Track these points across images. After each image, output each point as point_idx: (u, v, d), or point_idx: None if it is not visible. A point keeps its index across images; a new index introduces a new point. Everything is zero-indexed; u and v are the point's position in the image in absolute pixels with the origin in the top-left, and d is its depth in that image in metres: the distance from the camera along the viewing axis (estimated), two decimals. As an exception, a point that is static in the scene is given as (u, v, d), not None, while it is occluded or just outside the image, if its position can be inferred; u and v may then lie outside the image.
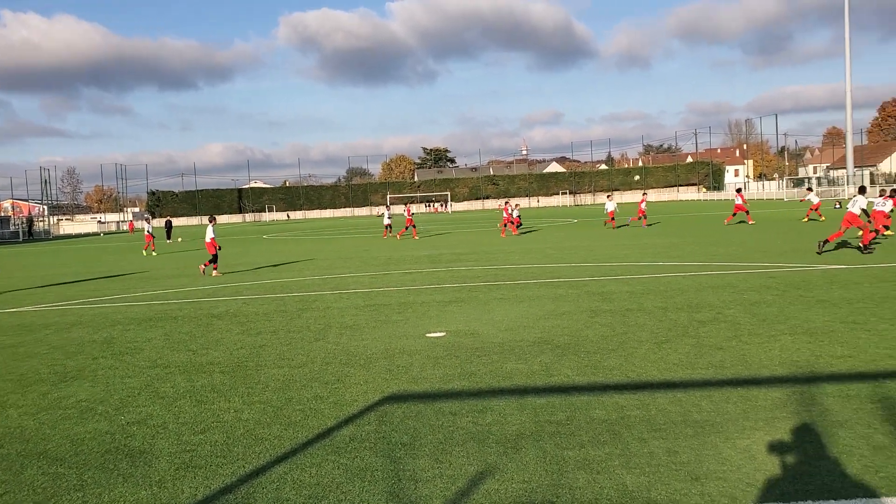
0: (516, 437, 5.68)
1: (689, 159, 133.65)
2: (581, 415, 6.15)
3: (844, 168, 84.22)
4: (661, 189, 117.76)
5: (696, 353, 8.20)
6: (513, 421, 6.07)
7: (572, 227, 42.07)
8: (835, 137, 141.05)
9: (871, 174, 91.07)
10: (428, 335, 10.03)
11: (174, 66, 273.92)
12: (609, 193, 51.95)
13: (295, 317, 12.29)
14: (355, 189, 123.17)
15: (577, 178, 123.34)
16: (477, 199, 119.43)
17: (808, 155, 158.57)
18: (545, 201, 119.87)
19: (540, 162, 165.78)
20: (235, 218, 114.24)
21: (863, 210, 19.07)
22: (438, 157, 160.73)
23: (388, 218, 39.20)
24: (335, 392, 7.33)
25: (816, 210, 34.52)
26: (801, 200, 35.18)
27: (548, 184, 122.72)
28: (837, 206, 50.68)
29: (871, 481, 4.53)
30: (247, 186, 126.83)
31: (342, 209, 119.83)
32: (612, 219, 35.67)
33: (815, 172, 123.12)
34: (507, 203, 37.36)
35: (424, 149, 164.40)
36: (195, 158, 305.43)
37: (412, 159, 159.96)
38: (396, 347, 9.33)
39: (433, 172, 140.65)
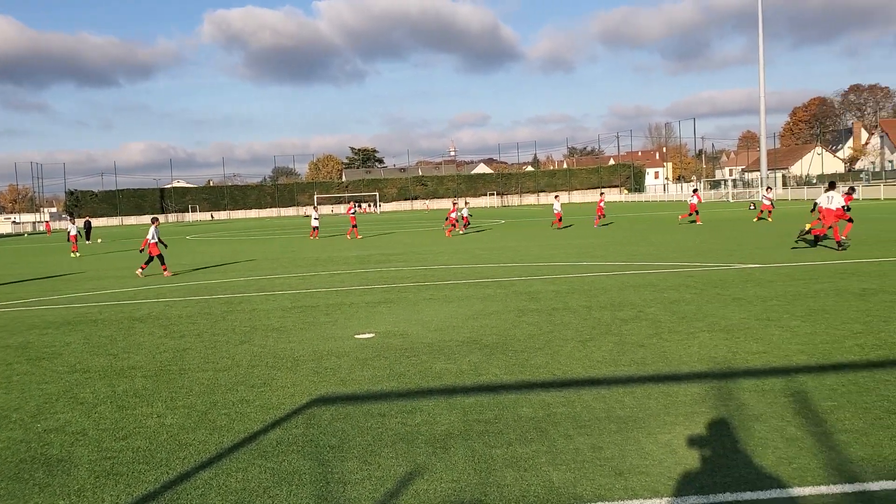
0: (445, 436, 5.72)
1: (612, 161, 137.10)
2: (509, 413, 6.23)
3: (758, 170, 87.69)
4: (585, 190, 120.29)
5: (619, 350, 8.41)
6: (442, 421, 6.11)
7: (500, 227, 42.51)
8: (749, 141, 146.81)
9: (784, 176, 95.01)
10: (356, 336, 9.98)
11: (93, 62, 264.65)
12: (556, 194, 52.74)
13: (220, 319, 12.04)
14: (282, 189, 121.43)
15: (505, 180, 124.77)
16: (406, 199, 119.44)
17: (724, 158, 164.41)
18: (473, 202, 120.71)
19: (468, 163, 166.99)
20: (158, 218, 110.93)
21: (842, 207, 19.71)
22: (367, 158, 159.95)
23: (316, 219, 38.74)
24: (261, 395, 7.22)
25: (768, 211, 36.03)
26: (765, 200, 36.80)
27: (476, 185, 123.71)
28: (752, 206, 52.75)
29: (784, 472, 4.74)
30: (169, 186, 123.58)
31: (268, 209, 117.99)
32: (560, 220, 36.24)
33: (730, 175, 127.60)
34: (455, 203, 37.23)
35: (352, 149, 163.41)
36: (116, 157, 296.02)
37: (340, 159, 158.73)
38: (324, 349, 9.25)
39: (361, 172, 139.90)
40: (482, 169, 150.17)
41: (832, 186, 20.33)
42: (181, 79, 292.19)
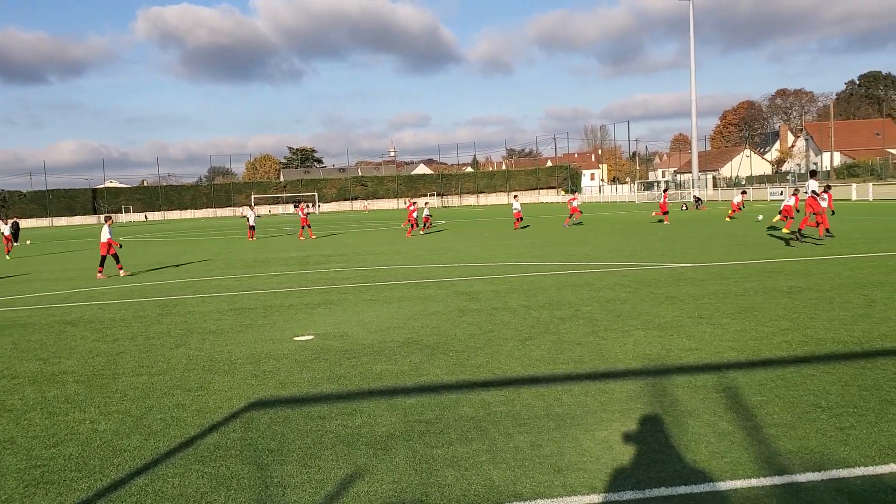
0: (386, 437, 5.72)
1: (549, 163, 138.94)
2: (449, 413, 6.26)
3: (690, 172, 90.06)
4: (524, 192, 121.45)
5: (557, 348, 8.54)
6: (382, 422, 6.10)
7: (441, 228, 42.60)
8: (681, 143, 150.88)
9: (714, 178, 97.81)
10: (295, 339, 9.88)
11: (21, 58, 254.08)
12: (515, 194, 53.01)
13: (154, 322, 11.76)
14: (218, 189, 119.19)
15: (445, 181, 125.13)
16: (345, 199, 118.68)
17: (657, 160, 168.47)
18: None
19: (408, 164, 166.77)
20: (90, 219, 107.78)
21: (813, 192, 20.57)
22: (305, 157, 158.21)
23: (254, 220, 38.15)
24: (198, 399, 7.08)
25: (738, 210, 37.32)
26: (740, 202, 38.19)
27: (416, 185, 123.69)
28: (685, 208, 54.16)
29: (716, 466, 4.89)
30: (102, 186, 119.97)
31: (204, 210, 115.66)
32: (519, 220, 36.48)
33: (663, 176, 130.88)
34: (414, 202, 36.81)
35: (290, 148, 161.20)
36: (45, 157, 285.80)
37: (278, 159, 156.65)
38: (262, 352, 9.13)
39: (300, 172, 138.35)
40: (422, 170, 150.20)
41: (812, 175, 21.50)
42: (114, 76, 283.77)
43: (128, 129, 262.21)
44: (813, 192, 20.83)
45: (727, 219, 36.32)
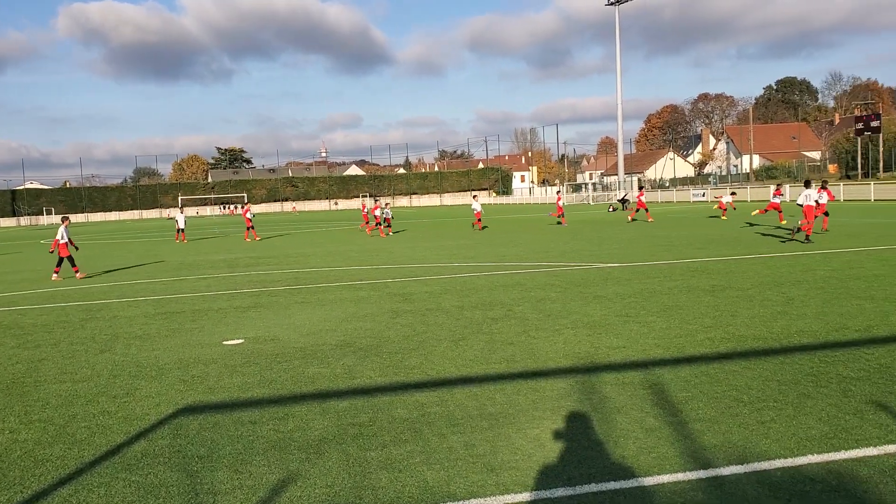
0: (319, 441, 5.67)
1: (481, 165, 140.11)
2: (383, 415, 6.25)
3: (616, 174, 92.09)
4: (456, 193, 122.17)
5: (489, 348, 8.63)
6: (315, 426, 6.05)
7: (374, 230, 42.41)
8: (608, 146, 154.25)
9: (640, 180, 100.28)
10: (225, 343, 9.70)
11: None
12: (475, 194, 53.03)
13: (78, 327, 11.36)
14: (143, 190, 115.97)
15: (377, 182, 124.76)
16: (275, 200, 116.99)
17: (585, 162, 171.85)
18: (345, 204, 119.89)
19: (340, 165, 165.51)
20: (8, 222, 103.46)
21: (815, 201, 21.27)
22: (234, 158, 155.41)
23: (183, 222, 37.16)
24: (124, 406, 6.88)
25: (723, 210, 38.25)
26: (718, 201, 39.21)
27: (348, 186, 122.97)
28: (612, 209, 55.33)
29: (644, 462, 5.02)
30: (22, 187, 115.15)
31: (129, 212, 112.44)
32: (479, 220, 36.66)
33: (591, 178, 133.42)
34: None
35: (219, 149, 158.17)
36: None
37: (206, 159, 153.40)
38: (191, 357, 8.93)
39: (228, 173, 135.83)
40: (354, 171, 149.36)
41: (807, 185, 21.96)
42: (35, 74, 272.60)
43: (50, 129, 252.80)
44: (816, 200, 21.67)
45: (722, 217, 37.56)
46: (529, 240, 26.90)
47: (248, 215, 36.57)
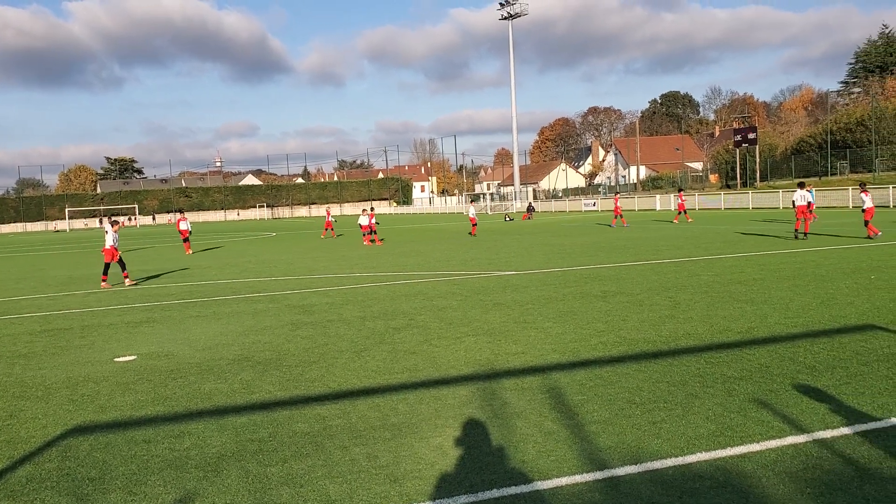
0: (217, 458, 5.52)
1: (381, 175, 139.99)
2: (283, 430, 6.15)
3: (513, 185, 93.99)
4: (356, 203, 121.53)
5: (392, 358, 8.63)
6: (213, 443, 5.89)
7: (271, 240, 41.63)
8: (504, 157, 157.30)
9: (534, 190, 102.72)
10: (116, 360, 9.29)
11: None
12: (472, 199, 52.60)
13: (-52, 349, 10.61)
14: (28, 202, 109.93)
15: (275, 192, 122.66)
16: (168, 212, 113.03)
17: (482, 173, 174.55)
18: (243, 214, 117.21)
19: (235, 174, 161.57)
20: None
21: (809, 201, 22.89)
22: (124, 168, 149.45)
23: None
24: (7, 429, 6.48)
25: (685, 213, 39.74)
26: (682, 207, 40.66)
27: (244, 196, 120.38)
28: (509, 219, 56.40)
29: (544, 465, 5.15)
30: None
31: (12, 224, 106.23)
32: (475, 225, 36.78)
33: (488, 189, 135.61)
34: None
35: (108, 159, 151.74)
36: None
37: (94, 170, 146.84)
38: (80, 375, 8.51)
39: (118, 184, 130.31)
40: (251, 180, 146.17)
41: (801, 186, 23.60)
42: None
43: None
44: (809, 201, 23.24)
45: (689, 220, 38.64)
46: (431, 249, 27.06)
47: (184, 226, 32.62)
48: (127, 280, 19.22)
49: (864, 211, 22.79)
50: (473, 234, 36.61)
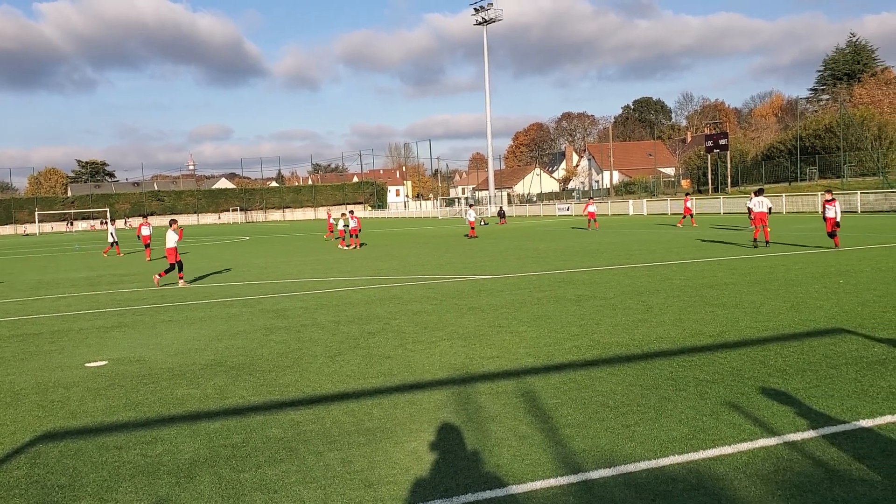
0: (190, 465, 5.47)
1: (356, 179, 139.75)
2: (257, 435, 6.11)
3: (487, 189, 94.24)
4: (331, 206, 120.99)
5: (366, 363, 8.61)
6: (185, 449, 5.83)
7: (245, 244, 41.34)
8: (479, 162, 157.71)
9: (509, 195, 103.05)
10: (87, 365, 9.16)
11: None
12: (471, 203, 52.44)
13: (-88, 355, 10.40)
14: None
15: (248, 195, 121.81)
16: (140, 215, 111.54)
17: (457, 177, 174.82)
18: (215, 218, 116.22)
19: (209, 178, 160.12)
20: None
21: (769, 208, 22.77)
22: (96, 171, 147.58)
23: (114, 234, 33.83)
24: (-29, 439, 6.37)
25: (691, 216, 39.43)
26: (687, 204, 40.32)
27: (217, 200, 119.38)
28: (484, 223, 56.53)
29: (518, 469, 5.16)
30: None
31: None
32: (473, 228, 37.01)
33: (463, 193, 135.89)
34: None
35: (79, 161, 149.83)
36: None
37: (65, 173, 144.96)
38: (50, 380, 8.38)
39: (90, 187, 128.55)
40: (224, 184, 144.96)
41: (760, 193, 23.58)
42: None
43: None
44: (769, 207, 23.09)
45: (693, 224, 38.66)
46: (406, 253, 27.04)
47: (146, 231, 32.08)
48: (181, 281, 19.15)
49: (826, 220, 22.58)
50: (473, 235, 37.12)
